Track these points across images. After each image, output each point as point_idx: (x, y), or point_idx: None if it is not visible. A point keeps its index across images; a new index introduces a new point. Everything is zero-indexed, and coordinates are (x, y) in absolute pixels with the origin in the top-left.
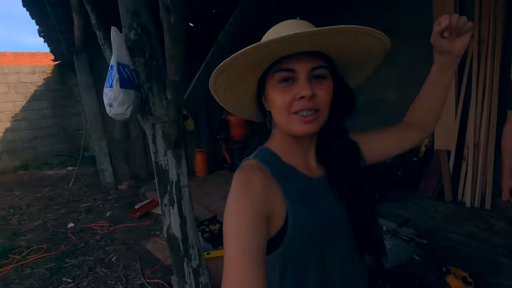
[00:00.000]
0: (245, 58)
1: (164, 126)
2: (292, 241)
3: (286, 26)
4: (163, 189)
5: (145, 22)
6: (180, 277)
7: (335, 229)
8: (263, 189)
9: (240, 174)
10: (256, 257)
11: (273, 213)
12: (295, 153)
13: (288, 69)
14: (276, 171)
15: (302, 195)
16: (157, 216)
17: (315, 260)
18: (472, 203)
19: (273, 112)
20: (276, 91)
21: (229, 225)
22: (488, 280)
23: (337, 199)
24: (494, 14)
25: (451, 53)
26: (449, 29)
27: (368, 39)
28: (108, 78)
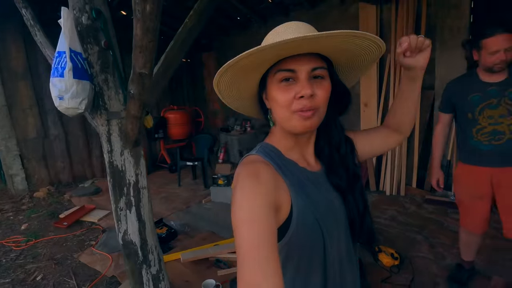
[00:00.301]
0: (251, 58)
1: (122, 122)
2: (295, 232)
3: (288, 29)
4: (118, 191)
5: (98, 5)
6: (137, 286)
7: (334, 219)
8: (271, 180)
9: (247, 167)
10: (271, 241)
11: (280, 204)
12: (294, 148)
13: (289, 69)
14: (279, 165)
15: (304, 188)
16: (90, 225)
17: (317, 250)
18: (391, 191)
19: (274, 110)
20: (278, 90)
21: (241, 213)
22: (409, 254)
23: (335, 191)
24: (407, 33)
25: (416, 67)
26: (410, 49)
27: (365, 43)
28: (56, 66)
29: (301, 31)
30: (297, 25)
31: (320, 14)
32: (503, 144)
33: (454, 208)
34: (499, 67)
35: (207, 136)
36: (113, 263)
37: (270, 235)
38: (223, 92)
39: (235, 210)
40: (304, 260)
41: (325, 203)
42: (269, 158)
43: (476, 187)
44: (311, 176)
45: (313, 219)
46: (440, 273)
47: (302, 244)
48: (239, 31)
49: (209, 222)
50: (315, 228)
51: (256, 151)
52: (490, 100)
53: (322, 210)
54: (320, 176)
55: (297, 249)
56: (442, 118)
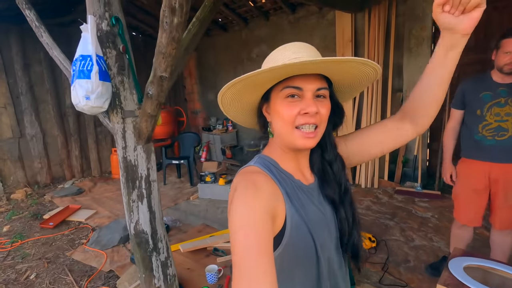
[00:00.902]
0: (268, 73)
1: (136, 120)
2: (289, 243)
3: (296, 50)
4: (131, 185)
5: (116, 12)
6: (147, 272)
7: (326, 231)
8: (269, 190)
9: (246, 177)
10: (268, 248)
11: (276, 214)
12: (291, 161)
13: (296, 87)
14: (276, 177)
15: (298, 200)
16: (77, 224)
17: (310, 260)
18: (366, 184)
19: (275, 123)
20: (283, 105)
21: (239, 220)
22: (384, 237)
23: (327, 204)
24: (378, 40)
25: (457, 30)
26: (451, 2)
27: (367, 69)
28: (82, 69)
29: (306, 51)
30: (302, 45)
31: (300, 19)
32: (505, 140)
33: (420, 197)
34: (509, 68)
35: (192, 134)
36: (108, 259)
37: (267, 242)
38: (226, 102)
39: (233, 216)
40: (298, 271)
41: (318, 215)
42: (267, 169)
43: (474, 181)
44: (306, 189)
45: (306, 230)
46: (411, 252)
47: (295, 255)
48: (220, 32)
49: (199, 217)
50: (307, 239)
51: (254, 162)
52: (499, 99)
53: (315, 222)
54: (313, 189)
55: (290, 260)
56: (454, 114)
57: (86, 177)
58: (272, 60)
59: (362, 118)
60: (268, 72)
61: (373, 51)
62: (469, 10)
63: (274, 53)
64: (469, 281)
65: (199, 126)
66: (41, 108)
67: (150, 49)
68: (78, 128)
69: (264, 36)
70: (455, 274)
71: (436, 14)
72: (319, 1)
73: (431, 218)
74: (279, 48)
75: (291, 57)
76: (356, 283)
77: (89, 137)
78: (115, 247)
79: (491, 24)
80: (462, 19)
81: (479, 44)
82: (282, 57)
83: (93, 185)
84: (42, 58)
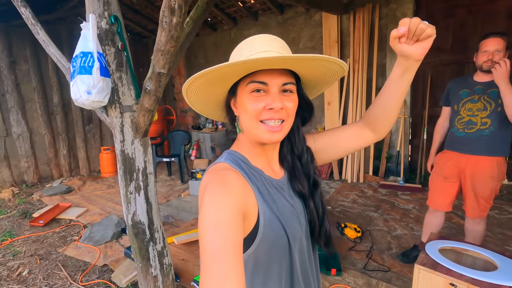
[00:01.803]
0: (231, 67)
1: (134, 115)
2: (263, 238)
3: (263, 42)
4: (129, 177)
5: (115, 11)
6: (144, 262)
7: (297, 224)
8: (240, 187)
9: (216, 174)
10: (237, 248)
11: (248, 211)
12: (261, 156)
13: (262, 82)
14: (246, 173)
15: (270, 195)
16: (68, 222)
17: (284, 253)
18: (352, 179)
19: (241, 118)
20: (248, 99)
21: (208, 219)
22: (368, 227)
23: (297, 197)
24: (363, 41)
25: (411, 57)
26: (407, 35)
27: (332, 66)
28: (83, 65)
29: (275, 45)
30: (270, 39)
31: (288, 19)
32: (473, 133)
33: (403, 191)
34: (487, 65)
35: (183, 133)
36: (101, 254)
37: (237, 241)
38: (191, 95)
39: (203, 215)
40: (273, 264)
41: (289, 209)
42: (237, 166)
43: (444, 168)
44: (276, 184)
45: (279, 225)
46: (393, 240)
47: (269, 249)
48: (209, 31)
49: (191, 213)
50: (281, 233)
51: (224, 159)
52: (473, 95)
53: (286, 215)
54: (283, 183)
55: (266, 254)
56: (443, 111)
57: (75, 176)
58: (239, 53)
59: (348, 116)
60: (232, 66)
61: (358, 52)
62: (422, 40)
63: (243, 44)
64: (443, 260)
65: (189, 124)
66: (27, 107)
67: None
68: (66, 127)
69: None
70: (431, 255)
71: (393, 45)
72: (307, 3)
73: (412, 210)
74: (248, 40)
75: (259, 50)
76: (343, 270)
77: (77, 136)
78: (108, 242)
79: (466, 27)
80: (415, 48)
81: (455, 46)
82: (248, 50)
83: (82, 184)
84: (28, 56)
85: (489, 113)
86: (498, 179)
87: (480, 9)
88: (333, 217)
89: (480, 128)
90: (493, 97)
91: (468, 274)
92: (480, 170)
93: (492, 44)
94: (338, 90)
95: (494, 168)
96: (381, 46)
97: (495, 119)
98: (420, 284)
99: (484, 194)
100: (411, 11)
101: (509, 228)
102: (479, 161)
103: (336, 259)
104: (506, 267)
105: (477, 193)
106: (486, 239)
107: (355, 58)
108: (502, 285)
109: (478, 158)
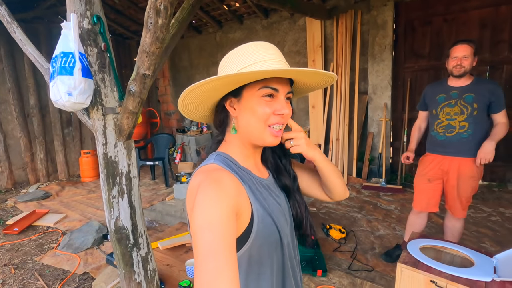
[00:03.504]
0: (250, 75)
1: (117, 117)
2: (257, 236)
3: (269, 50)
4: (111, 181)
5: (97, 11)
6: (128, 268)
7: (284, 220)
8: (233, 187)
9: (208, 174)
10: (231, 247)
11: (241, 211)
12: (249, 158)
13: (275, 88)
14: (237, 173)
15: (260, 194)
16: (46, 229)
17: (276, 248)
18: None
19: (244, 120)
20: (259, 103)
21: (202, 218)
22: (353, 228)
23: (282, 194)
24: (345, 46)
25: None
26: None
27: (328, 78)
28: (63, 65)
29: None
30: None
31: (273, 23)
32: (453, 136)
33: (385, 192)
34: (457, 70)
35: (167, 136)
36: (81, 261)
37: (230, 241)
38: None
39: (196, 215)
40: (267, 259)
41: (277, 207)
42: (227, 167)
43: (428, 170)
44: (264, 183)
45: (271, 221)
46: (376, 240)
47: (262, 244)
48: (194, 34)
49: (175, 217)
50: (273, 229)
51: (213, 160)
52: (450, 100)
53: (275, 211)
54: (270, 182)
55: (260, 251)
56: (420, 115)
57: (52, 181)
58: (241, 59)
59: (331, 119)
60: (256, 73)
61: (341, 56)
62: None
63: (243, 50)
64: (424, 258)
65: (173, 127)
66: (1, 109)
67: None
68: (43, 130)
69: (239, 39)
70: (413, 254)
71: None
72: (291, 8)
73: (394, 210)
74: (249, 47)
75: (267, 58)
76: (328, 271)
77: (55, 139)
78: (88, 249)
79: (442, 35)
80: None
81: (431, 52)
82: (254, 57)
83: (60, 189)
84: (3, 56)
85: (466, 117)
86: (477, 178)
87: (454, 18)
88: (318, 219)
89: (460, 131)
90: (468, 102)
91: (447, 271)
92: (462, 171)
93: (460, 50)
94: (322, 93)
95: (474, 168)
96: (363, 51)
97: (472, 122)
98: (403, 282)
99: (465, 193)
100: (391, 18)
101: (484, 226)
102: (462, 162)
103: (321, 260)
104: (482, 263)
105: (460, 192)
106: (463, 237)
107: (338, 62)
108: (478, 281)
109: (461, 159)
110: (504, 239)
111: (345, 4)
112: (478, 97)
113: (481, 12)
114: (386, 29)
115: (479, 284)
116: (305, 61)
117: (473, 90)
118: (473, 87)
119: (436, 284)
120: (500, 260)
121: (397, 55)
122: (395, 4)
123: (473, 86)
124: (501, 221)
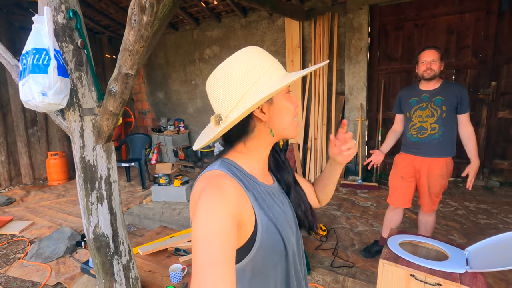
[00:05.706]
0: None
1: (96, 119)
2: (261, 245)
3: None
4: (90, 186)
5: (73, 5)
6: (108, 278)
7: (289, 227)
8: (236, 196)
9: (212, 181)
10: (230, 259)
11: (244, 220)
12: (256, 164)
13: None
14: (242, 181)
15: (265, 202)
16: (10, 238)
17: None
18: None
19: (280, 120)
20: (288, 99)
21: (202, 227)
22: (333, 226)
23: (286, 200)
24: (323, 47)
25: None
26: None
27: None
28: (36, 63)
29: None
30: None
31: (251, 23)
32: (425, 138)
33: (361, 189)
34: (428, 73)
35: (143, 136)
36: (53, 271)
37: (230, 253)
38: None
39: (198, 224)
40: (271, 269)
41: (281, 215)
42: (232, 173)
43: (401, 169)
44: (270, 190)
45: (275, 230)
46: (355, 237)
47: (266, 255)
48: (170, 31)
49: (154, 220)
50: (277, 239)
51: (217, 166)
52: (422, 103)
53: (280, 220)
54: (275, 189)
55: (262, 261)
56: (396, 118)
57: (16, 185)
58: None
59: (310, 117)
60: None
61: (318, 57)
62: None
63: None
64: (404, 254)
65: (148, 127)
66: None
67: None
68: (4, 130)
69: (216, 37)
70: (393, 249)
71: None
72: (270, 8)
73: (370, 207)
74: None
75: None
76: (311, 269)
77: (18, 140)
78: (60, 258)
79: (413, 39)
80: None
81: (403, 56)
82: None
83: (25, 194)
84: None
85: (436, 119)
86: (447, 177)
87: (424, 23)
88: None
89: (431, 132)
90: (438, 105)
91: (425, 264)
92: (432, 170)
93: (429, 55)
94: (301, 93)
95: (443, 167)
96: (340, 53)
97: (441, 124)
98: (385, 277)
99: (435, 190)
100: (366, 21)
101: (452, 219)
102: (432, 162)
103: (305, 258)
104: (455, 256)
105: (430, 190)
106: (434, 230)
107: (316, 63)
108: (453, 273)
109: (431, 159)
110: (470, 231)
111: (322, 6)
112: (446, 100)
113: (448, 18)
114: (362, 32)
115: (454, 276)
116: (284, 61)
117: (442, 93)
118: (441, 90)
119: (416, 278)
120: (472, 252)
121: (372, 58)
122: (370, 8)
123: (442, 89)
124: (466, 214)
